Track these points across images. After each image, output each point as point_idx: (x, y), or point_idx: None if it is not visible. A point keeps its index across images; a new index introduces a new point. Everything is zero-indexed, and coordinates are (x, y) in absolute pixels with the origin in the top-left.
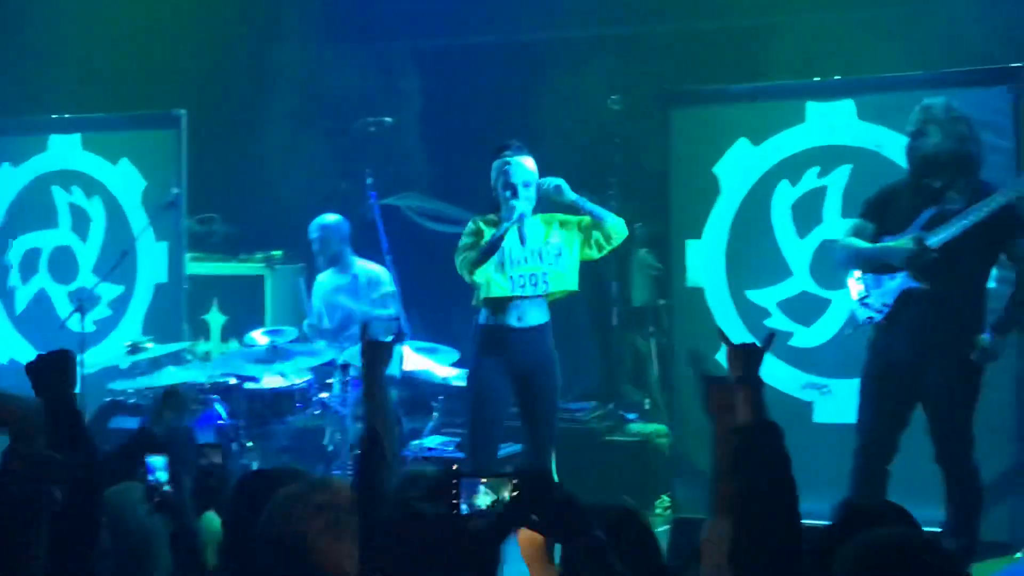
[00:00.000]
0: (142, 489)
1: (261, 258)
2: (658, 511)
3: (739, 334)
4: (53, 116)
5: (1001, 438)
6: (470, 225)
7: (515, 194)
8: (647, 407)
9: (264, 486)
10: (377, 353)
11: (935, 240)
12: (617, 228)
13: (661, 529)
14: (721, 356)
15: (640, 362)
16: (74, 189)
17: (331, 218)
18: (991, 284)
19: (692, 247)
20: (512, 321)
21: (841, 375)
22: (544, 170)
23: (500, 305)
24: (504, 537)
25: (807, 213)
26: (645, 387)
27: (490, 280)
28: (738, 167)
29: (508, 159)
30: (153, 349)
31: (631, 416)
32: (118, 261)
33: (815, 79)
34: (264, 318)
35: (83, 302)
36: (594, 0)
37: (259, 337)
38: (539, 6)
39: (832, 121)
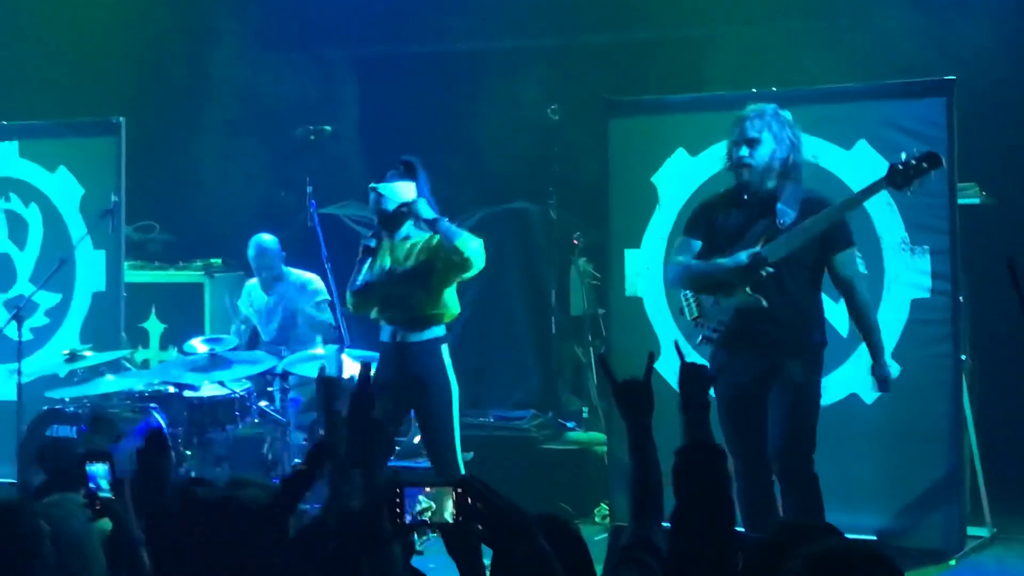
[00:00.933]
0: (79, 499)
1: (200, 266)
2: (597, 519)
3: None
4: None
5: (936, 446)
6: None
7: (374, 224)
8: (585, 415)
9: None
10: (334, 390)
11: (772, 255)
12: (467, 249)
13: (599, 537)
14: (659, 365)
15: (579, 371)
16: (11, 196)
17: (267, 238)
18: (924, 295)
19: (631, 256)
20: (385, 338)
21: None
22: (485, 179)
23: (393, 320)
24: (453, 546)
25: None
26: (584, 396)
27: (367, 307)
28: (676, 177)
29: (374, 186)
30: (91, 357)
31: (570, 424)
32: (56, 269)
33: (752, 90)
34: (203, 326)
35: (20, 310)
36: (533, 10)
37: (198, 345)
38: (478, 16)
39: (800, 134)
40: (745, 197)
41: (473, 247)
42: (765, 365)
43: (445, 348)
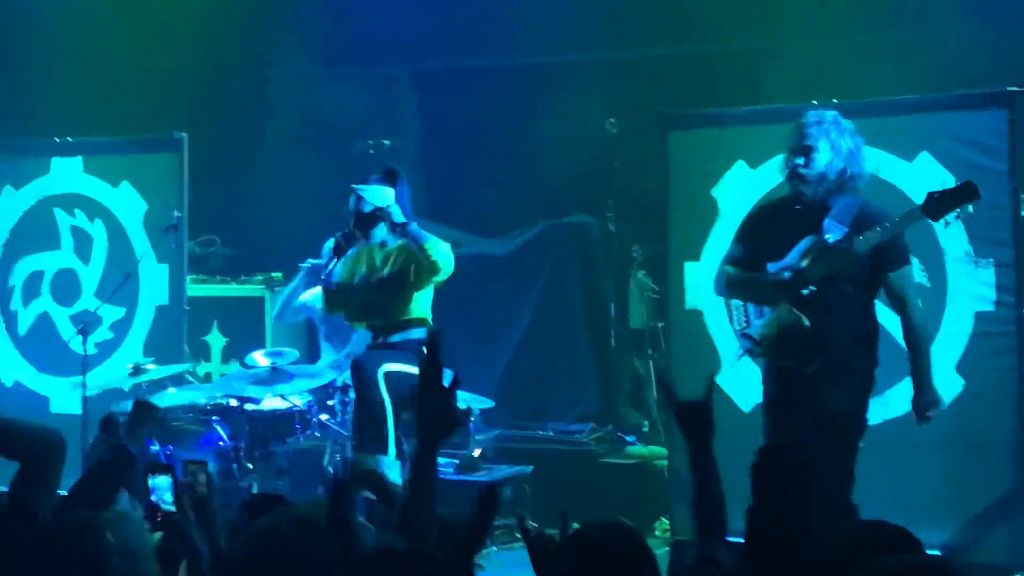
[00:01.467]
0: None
1: (261, 280)
2: (657, 533)
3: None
4: (55, 139)
5: (1001, 460)
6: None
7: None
8: (645, 429)
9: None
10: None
11: (815, 273)
12: (435, 251)
13: (660, 552)
14: (720, 378)
15: (638, 384)
16: (76, 212)
17: None
18: (988, 307)
19: (691, 269)
20: (388, 337)
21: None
22: (544, 193)
23: (372, 325)
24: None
25: None
26: (643, 409)
27: (345, 307)
28: (736, 190)
29: (355, 187)
30: (154, 371)
31: (629, 438)
32: (120, 283)
33: (812, 103)
34: (264, 340)
35: (86, 324)
36: (592, 23)
37: (260, 358)
38: (537, 30)
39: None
40: (798, 207)
41: (441, 250)
42: (804, 385)
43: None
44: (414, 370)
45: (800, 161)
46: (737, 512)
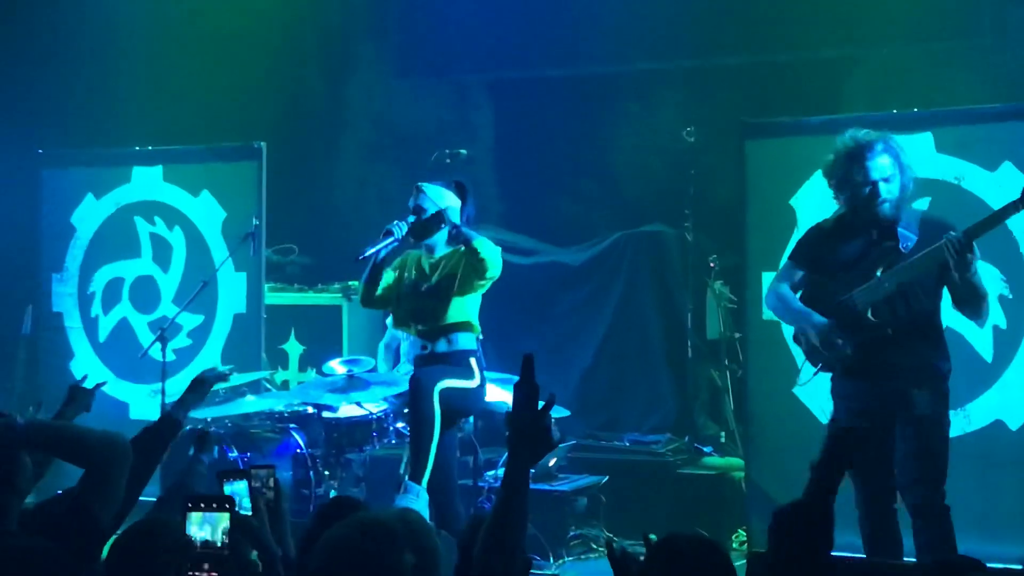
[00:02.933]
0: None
1: (338, 288)
2: (734, 546)
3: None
4: (136, 148)
5: None
6: None
7: (405, 218)
8: (723, 440)
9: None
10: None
11: (892, 281)
12: (484, 249)
13: (737, 564)
14: (797, 390)
15: (715, 395)
16: (156, 219)
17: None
18: None
19: (768, 279)
20: (436, 347)
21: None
22: (620, 202)
23: (421, 333)
24: None
25: None
26: (720, 420)
27: (393, 312)
28: (815, 199)
29: (418, 184)
30: (233, 378)
31: (707, 449)
32: (198, 291)
33: (893, 111)
34: (341, 348)
35: (164, 331)
36: (669, 32)
37: (337, 367)
38: (613, 39)
39: (910, 153)
40: (861, 222)
41: (490, 249)
42: (889, 394)
43: (474, 361)
44: (468, 384)
45: (883, 189)
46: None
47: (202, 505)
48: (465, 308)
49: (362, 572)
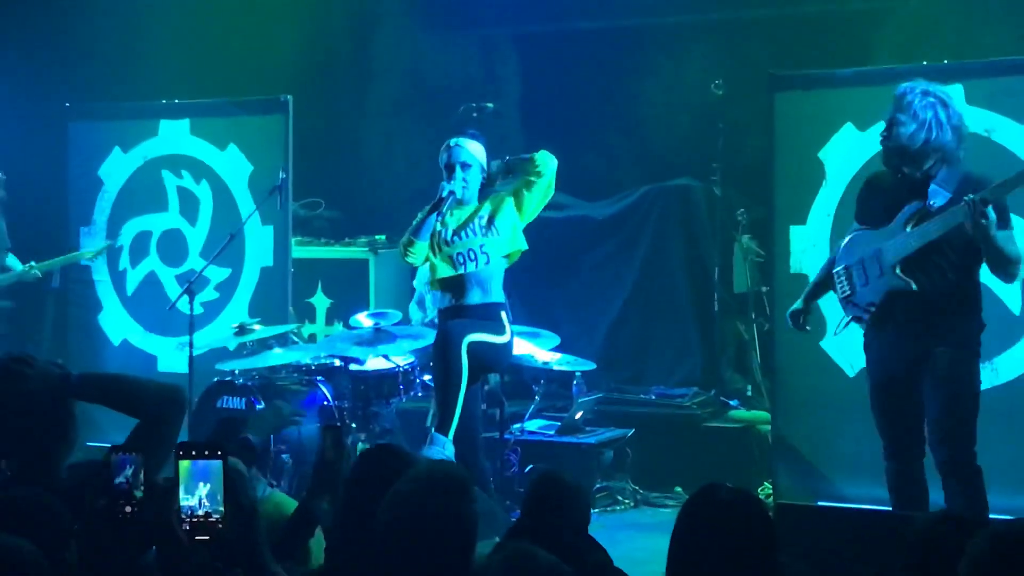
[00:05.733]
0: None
1: (365, 242)
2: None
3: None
4: (163, 102)
5: None
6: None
7: (450, 175)
8: (749, 393)
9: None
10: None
11: (920, 238)
12: (543, 158)
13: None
14: (825, 343)
15: (742, 349)
16: (183, 173)
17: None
18: None
19: (796, 233)
20: (465, 300)
21: None
22: (648, 156)
23: (448, 285)
24: None
25: None
26: (747, 374)
27: (434, 264)
28: (844, 153)
29: (451, 140)
30: (260, 331)
31: (733, 403)
32: (225, 244)
33: (923, 63)
34: (368, 301)
35: (192, 284)
36: None
37: (363, 320)
38: None
39: (954, 111)
40: (898, 176)
41: (546, 156)
42: (916, 351)
43: (504, 314)
44: (498, 339)
45: (884, 134)
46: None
47: (193, 453)
48: (506, 239)
49: (435, 523)
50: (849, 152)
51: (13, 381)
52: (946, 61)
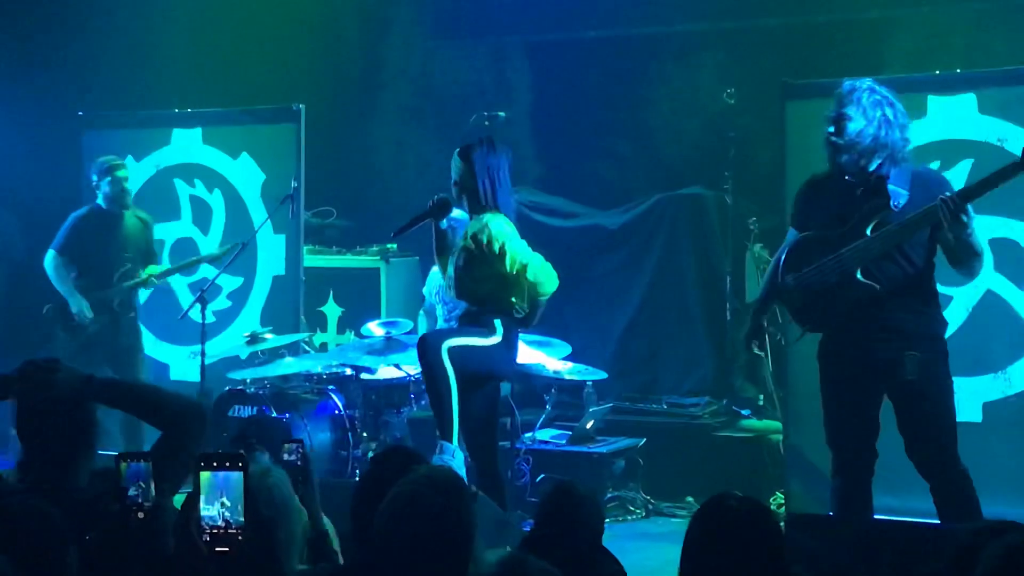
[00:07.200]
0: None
1: (376, 251)
2: (772, 508)
3: None
4: (175, 111)
5: None
6: None
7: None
8: (761, 403)
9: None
10: None
11: (885, 242)
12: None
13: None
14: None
15: (754, 358)
16: (196, 182)
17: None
18: None
19: None
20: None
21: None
22: (659, 165)
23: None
24: None
25: None
26: (759, 383)
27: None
28: None
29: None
30: (271, 340)
31: (745, 412)
32: (237, 253)
33: (935, 72)
34: (380, 310)
35: (204, 293)
36: None
37: (375, 329)
38: (652, 0)
39: (953, 115)
40: (847, 178)
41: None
42: (881, 357)
43: (499, 321)
44: (483, 342)
45: (831, 129)
46: None
47: (215, 464)
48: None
49: (433, 525)
50: None
51: (40, 385)
52: (959, 70)
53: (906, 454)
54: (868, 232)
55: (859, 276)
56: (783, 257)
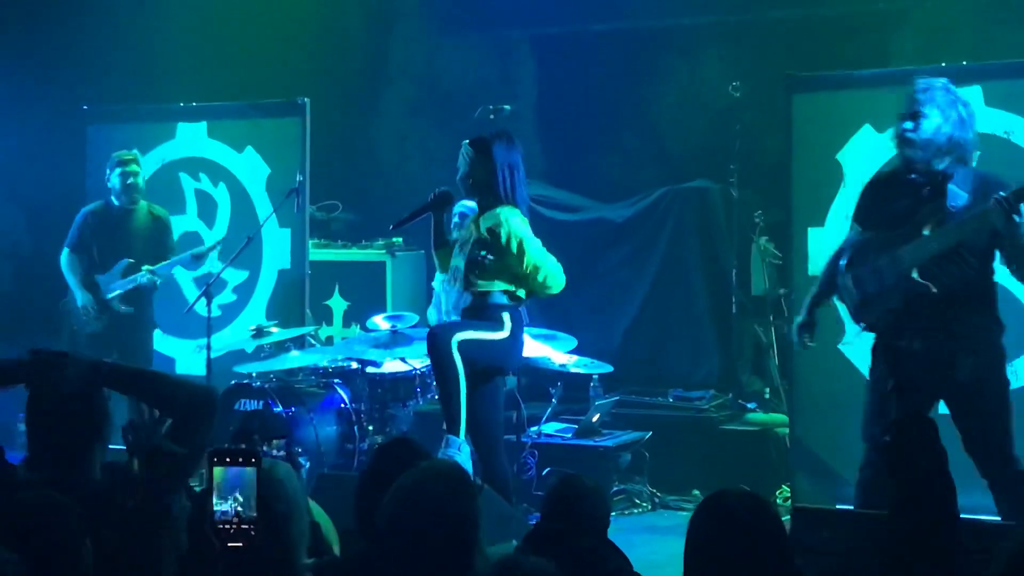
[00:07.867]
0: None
1: (382, 245)
2: (779, 501)
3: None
4: (180, 104)
5: None
6: None
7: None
8: (767, 396)
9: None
10: None
11: (942, 241)
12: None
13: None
14: (843, 346)
15: (760, 351)
16: (201, 176)
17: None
18: None
19: (814, 235)
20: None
21: None
22: (665, 158)
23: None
24: None
25: None
26: (765, 376)
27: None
28: (862, 154)
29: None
30: (277, 333)
31: (751, 405)
32: (243, 247)
33: (941, 64)
34: (385, 304)
35: (210, 287)
36: None
37: (380, 322)
38: None
39: (970, 109)
40: (912, 176)
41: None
42: (936, 358)
43: (506, 315)
44: (492, 335)
45: (909, 126)
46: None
47: (228, 460)
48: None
49: (436, 517)
50: (867, 154)
51: (51, 377)
52: (965, 63)
53: (968, 454)
54: (925, 232)
55: (916, 276)
56: (846, 255)
